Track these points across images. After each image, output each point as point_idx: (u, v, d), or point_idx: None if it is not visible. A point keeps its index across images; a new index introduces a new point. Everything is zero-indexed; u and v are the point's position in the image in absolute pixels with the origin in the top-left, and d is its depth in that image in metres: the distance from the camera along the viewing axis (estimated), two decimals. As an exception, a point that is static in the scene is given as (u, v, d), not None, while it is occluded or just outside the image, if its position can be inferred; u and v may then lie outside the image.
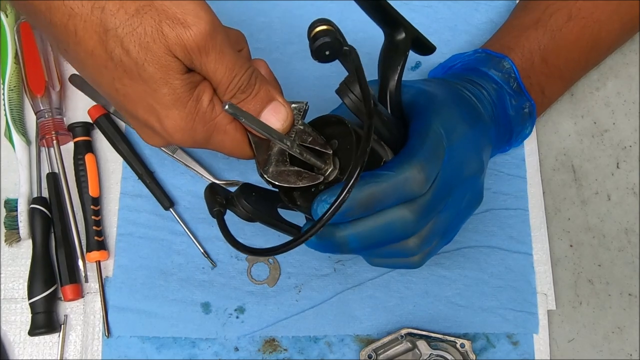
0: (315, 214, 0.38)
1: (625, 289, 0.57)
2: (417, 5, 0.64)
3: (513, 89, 0.53)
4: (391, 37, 0.44)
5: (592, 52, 0.58)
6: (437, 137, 0.42)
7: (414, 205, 0.40)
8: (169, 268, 0.56)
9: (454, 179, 0.43)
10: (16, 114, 0.58)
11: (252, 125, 0.39)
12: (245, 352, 0.54)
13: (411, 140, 0.41)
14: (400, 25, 0.44)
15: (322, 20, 0.37)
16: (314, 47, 0.37)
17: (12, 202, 0.56)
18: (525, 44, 0.54)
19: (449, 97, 0.46)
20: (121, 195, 0.57)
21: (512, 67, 0.53)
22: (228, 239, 0.40)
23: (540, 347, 0.55)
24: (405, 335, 0.53)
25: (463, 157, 0.43)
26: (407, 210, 0.40)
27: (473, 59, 0.55)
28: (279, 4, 0.63)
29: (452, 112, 0.44)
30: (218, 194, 0.42)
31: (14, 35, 0.58)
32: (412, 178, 0.39)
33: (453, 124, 0.43)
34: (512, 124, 0.54)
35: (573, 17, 0.55)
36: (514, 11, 0.60)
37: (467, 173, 0.44)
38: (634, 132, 0.61)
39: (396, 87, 0.44)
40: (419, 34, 0.45)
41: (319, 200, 0.38)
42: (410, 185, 0.39)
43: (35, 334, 0.53)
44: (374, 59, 0.62)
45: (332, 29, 0.37)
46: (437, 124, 0.42)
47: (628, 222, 0.58)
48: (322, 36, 0.37)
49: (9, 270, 0.56)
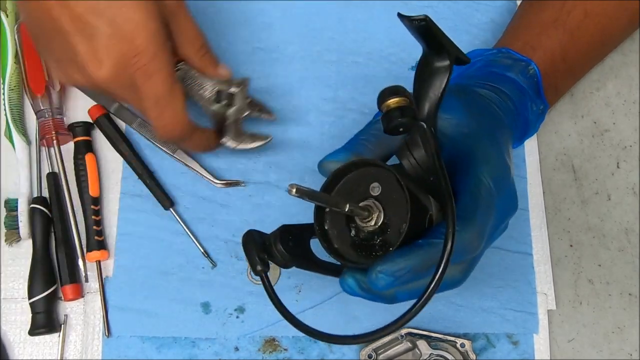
0: (374, 285, 0.38)
1: (625, 289, 0.57)
2: (417, 5, 0.63)
3: (535, 92, 0.53)
4: (432, 59, 0.41)
5: (603, 47, 0.58)
6: (488, 193, 0.41)
7: (464, 264, 0.41)
8: (169, 268, 0.56)
9: (499, 224, 0.43)
10: (16, 113, 0.58)
11: (314, 200, 0.37)
12: (245, 352, 0.54)
13: (463, 200, 0.41)
14: (445, 50, 0.40)
15: (395, 90, 0.36)
16: (387, 126, 0.36)
17: (12, 202, 0.56)
18: (547, 43, 0.54)
19: (490, 132, 0.45)
20: (121, 195, 0.57)
21: (537, 71, 0.52)
22: (284, 314, 0.40)
23: (540, 347, 0.55)
24: (406, 335, 0.53)
25: (506, 206, 0.43)
26: (457, 270, 0.41)
27: (496, 60, 0.53)
28: (279, 4, 0.63)
29: (498, 157, 0.43)
30: (256, 242, 0.41)
31: (14, 35, 0.58)
32: (470, 244, 0.39)
33: (500, 171, 0.43)
34: (529, 126, 0.54)
35: (589, 14, 0.54)
36: (526, 8, 0.59)
37: (507, 218, 0.44)
38: (634, 132, 0.61)
39: (433, 113, 0.41)
40: (459, 53, 0.41)
41: (377, 271, 0.37)
42: (468, 251, 0.39)
43: (35, 333, 0.53)
44: (374, 58, 0.62)
45: (407, 103, 0.36)
46: (486, 176, 0.41)
47: (628, 222, 0.58)
48: (398, 116, 0.36)
49: (9, 270, 0.56)
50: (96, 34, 0.43)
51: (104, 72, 0.43)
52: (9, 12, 0.59)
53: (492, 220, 0.41)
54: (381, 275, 0.37)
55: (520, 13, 0.59)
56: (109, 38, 0.43)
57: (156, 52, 0.44)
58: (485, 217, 0.40)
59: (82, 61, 0.43)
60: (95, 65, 0.43)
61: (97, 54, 0.43)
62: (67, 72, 0.46)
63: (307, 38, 0.62)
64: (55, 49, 0.45)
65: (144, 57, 0.44)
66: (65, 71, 0.46)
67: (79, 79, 0.45)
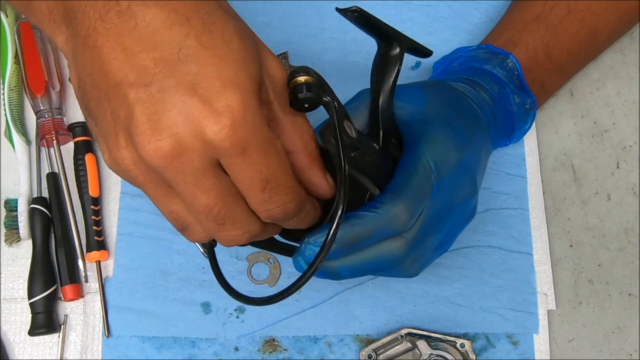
0: (302, 255, 0.39)
1: (625, 289, 0.57)
2: (417, 4, 0.63)
3: (516, 86, 0.53)
4: (385, 50, 0.44)
5: (591, 45, 0.58)
6: (425, 172, 0.42)
7: (402, 240, 0.41)
8: (169, 268, 0.56)
9: (444, 208, 0.43)
10: (16, 113, 0.58)
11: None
12: (245, 352, 0.54)
13: (397, 177, 0.42)
14: (394, 39, 0.43)
15: (302, 69, 0.36)
16: (292, 99, 0.35)
17: (12, 202, 0.56)
18: (529, 39, 0.54)
19: (446, 118, 0.45)
20: (121, 195, 0.57)
21: (516, 64, 0.53)
22: (221, 282, 0.40)
23: (540, 347, 0.55)
24: (405, 335, 0.53)
25: (454, 187, 0.43)
26: (396, 245, 0.41)
27: (476, 55, 0.55)
28: (279, 4, 0.63)
29: (446, 140, 0.44)
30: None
31: (14, 35, 0.58)
32: (395, 217, 0.40)
33: (445, 154, 0.43)
34: (514, 120, 0.54)
35: (572, 10, 0.55)
36: (511, 6, 0.60)
37: (459, 199, 0.44)
38: (634, 132, 0.61)
39: (387, 103, 0.44)
40: (413, 44, 0.45)
41: (305, 242, 0.39)
42: (395, 224, 0.40)
43: (35, 334, 0.53)
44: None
45: (313, 80, 0.35)
46: (427, 157, 0.42)
47: (628, 222, 0.58)
48: (303, 90, 0.35)
49: (9, 270, 0.56)
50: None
51: (162, 145, 0.31)
52: (8, 12, 0.59)
53: (429, 199, 0.41)
54: (309, 246, 0.38)
55: (507, 12, 0.60)
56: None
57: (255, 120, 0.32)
58: (416, 193, 0.41)
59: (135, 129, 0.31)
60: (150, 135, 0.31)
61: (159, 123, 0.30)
62: (112, 149, 0.33)
63: (307, 38, 0.62)
64: (105, 117, 0.33)
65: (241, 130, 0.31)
66: (111, 148, 0.33)
67: (125, 157, 0.32)
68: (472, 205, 0.46)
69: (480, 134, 0.48)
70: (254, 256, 0.56)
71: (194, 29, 0.31)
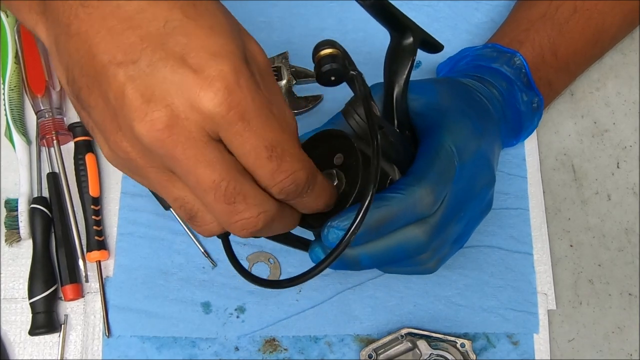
0: (326, 240, 0.37)
1: (625, 289, 0.57)
2: (417, 4, 0.64)
3: (524, 84, 0.53)
4: (398, 40, 0.43)
5: (597, 44, 0.58)
6: (448, 156, 0.41)
7: (425, 225, 0.40)
8: (169, 268, 0.56)
9: (465, 195, 0.43)
10: (16, 113, 0.58)
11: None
12: (246, 351, 0.54)
13: (420, 160, 0.41)
14: (408, 29, 0.43)
15: (328, 42, 0.36)
16: (319, 72, 0.35)
17: (13, 202, 0.56)
18: (536, 38, 0.54)
19: (460, 107, 0.46)
20: (122, 195, 0.57)
21: (523, 62, 0.53)
22: (235, 266, 0.40)
23: (540, 347, 0.55)
24: (406, 335, 0.53)
25: (475, 173, 0.43)
26: (419, 230, 0.40)
27: (483, 54, 0.55)
28: (279, 3, 0.63)
29: (465, 127, 0.44)
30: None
31: (14, 35, 0.58)
32: (420, 200, 0.39)
33: (465, 140, 0.43)
34: (522, 119, 0.54)
35: (578, 9, 0.55)
36: (516, 6, 0.60)
37: (479, 187, 0.44)
38: (634, 132, 0.61)
39: (402, 94, 0.43)
40: (426, 35, 0.44)
41: (328, 226, 0.37)
42: (420, 207, 0.39)
43: (36, 333, 0.53)
44: (374, 58, 0.62)
45: (338, 52, 0.36)
46: (449, 142, 0.42)
47: (628, 222, 0.58)
48: (329, 62, 0.35)
49: (9, 270, 0.56)
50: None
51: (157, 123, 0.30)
52: (9, 12, 0.59)
53: (452, 184, 0.41)
54: (332, 230, 0.37)
55: (511, 12, 0.60)
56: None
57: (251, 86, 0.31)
58: (440, 176, 0.40)
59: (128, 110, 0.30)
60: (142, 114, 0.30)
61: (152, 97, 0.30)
62: (109, 137, 0.32)
63: (307, 38, 0.62)
64: (97, 104, 0.32)
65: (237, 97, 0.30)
66: (107, 136, 0.32)
67: (121, 141, 0.32)
68: (490, 196, 0.46)
69: (491, 127, 0.48)
70: (254, 256, 0.56)
71: (178, 2, 0.30)
